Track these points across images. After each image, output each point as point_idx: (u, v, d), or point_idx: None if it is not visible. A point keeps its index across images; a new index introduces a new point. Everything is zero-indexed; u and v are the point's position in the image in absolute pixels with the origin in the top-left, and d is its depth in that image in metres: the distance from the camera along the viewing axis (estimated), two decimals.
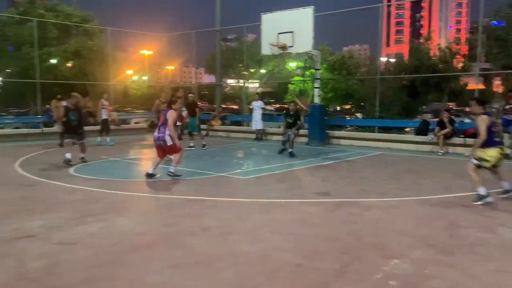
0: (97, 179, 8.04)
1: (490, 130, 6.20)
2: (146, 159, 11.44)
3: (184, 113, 12.59)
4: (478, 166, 6.28)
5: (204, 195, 6.84)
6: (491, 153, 6.20)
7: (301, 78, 28.21)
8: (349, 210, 5.92)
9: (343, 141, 14.81)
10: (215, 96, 21.79)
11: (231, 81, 39.78)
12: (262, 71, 33.53)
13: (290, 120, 11.93)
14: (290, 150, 11.45)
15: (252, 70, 33.44)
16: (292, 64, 31.26)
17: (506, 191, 6.53)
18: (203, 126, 15.51)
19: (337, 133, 15.50)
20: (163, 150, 8.18)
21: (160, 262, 4.01)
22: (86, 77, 22.43)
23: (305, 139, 14.82)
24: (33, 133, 16.16)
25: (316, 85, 15.23)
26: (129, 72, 44.72)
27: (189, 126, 13.00)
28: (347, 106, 31.43)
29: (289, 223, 5.37)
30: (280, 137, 15.75)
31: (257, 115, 16.24)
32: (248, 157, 11.72)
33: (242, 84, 33.35)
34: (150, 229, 5.10)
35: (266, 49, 14.42)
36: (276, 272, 3.79)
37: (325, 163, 10.49)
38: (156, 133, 8.07)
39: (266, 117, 18.65)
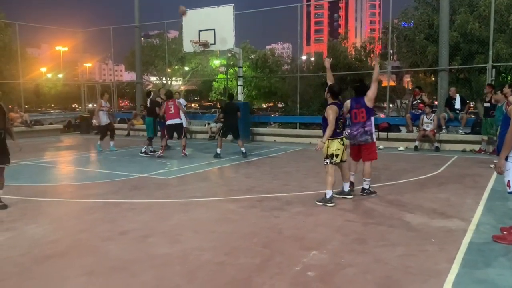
0: (5, 185, 7.39)
1: (336, 121, 6.04)
2: (61, 162, 10.78)
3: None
4: (331, 163, 6.09)
5: (123, 197, 6.60)
6: (335, 146, 6.08)
7: (225, 76, 28.27)
8: (271, 205, 6.03)
9: (266, 138, 15.08)
10: (136, 94, 21.10)
11: (153, 79, 38.80)
12: (186, 68, 33.08)
13: None
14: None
15: (175, 67, 32.86)
16: (216, 62, 31.22)
17: (342, 192, 6.47)
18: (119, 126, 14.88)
19: (261, 130, 15.74)
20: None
21: (74, 270, 3.79)
22: None
23: (229, 137, 14.87)
24: None
25: (239, 82, 15.36)
26: (43, 69, 41.86)
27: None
28: (271, 104, 32.05)
29: (210, 221, 5.35)
30: (205, 135, 15.71)
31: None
32: (173, 157, 11.51)
33: (164, 82, 32.65)
34: (63, 236, 4.80)
35: (187, 47, 14.26)
36: (196, 272, 3.75)
37: (249, 160, 10.60)
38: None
39: (190, 115, 18.45)
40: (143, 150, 11.43)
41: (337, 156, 6.11)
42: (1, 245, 4.42)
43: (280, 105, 32.77)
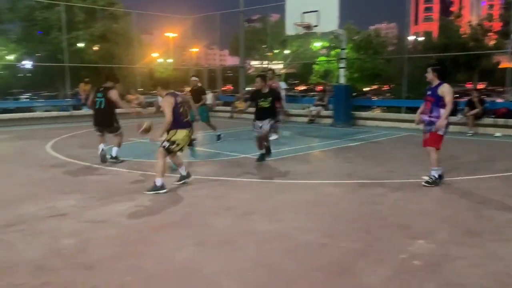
0: (127, 160, 8.17)
1: (176, 111, 5.74)
2: None
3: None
4: (168, 151, 5.80)
5: (225, 175, 6.91)
6: (180, 136, 5.80)
7: (326, 58, 27.83)
8: (373, 191, 5.88)
9: (369, 122, 14.61)
10: (238, 78, 21.76)
11: (254, 63, 39.62)
12: (286, 51, 33.19)
13: (265, 104, 7.71)
14: (263, 151, 8.03)
15: (276, 51, 33.17)
16: (317, 44, 30.82)
17: (183, 177, 6.19)
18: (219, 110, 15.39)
19: (363, 114, 15.29)
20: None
21: (185, 240, 4.11)
22: (112, 60, 22.73)
23: (329, 121, 14.71)
24: (62, 116, 16.60)
25: (341, 65, 15.01)
26: (155, 55, 45.11)
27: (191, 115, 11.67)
28: (374, 87, 30.90)
29: (310, 203, 5.39)
30: (304, 119, 15.71)
31: None
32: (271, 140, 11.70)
33: (266, 66, 33.17)
34: (176, 208, 5.21)
35: (290, 29, 14.25)
36: (297, 251, 3.83)
37: (350, 144, 10.40)
38: None
39: (290, 98, 18.56)
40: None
41: (178, 145, 5.79)
42: (124, 213, 4.94)
43: (384, 88, 31.42)
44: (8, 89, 30.10)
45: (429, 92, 6.09)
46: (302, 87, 43.88)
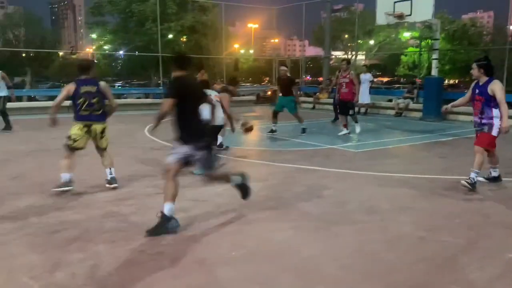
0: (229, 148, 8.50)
1: (75, 101, 5.19)
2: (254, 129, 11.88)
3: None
4: (70, 148, 5.25)
5: (316, 165, 6.98)
6: (73, 130, 5.25)
7: (415, 49, 26.58)
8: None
9: (461, 117, 13.79)
10: (322, 69, 21.60)
11: (337, 53, 38.94)
12: (371, 42, 32.20)
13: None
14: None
15: (360, 41, 32.32)
16: (406, 34, 29.52)
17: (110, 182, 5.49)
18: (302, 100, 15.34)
19: (455, 108, 14.41)
20: None
21: (282, 224, 4.27)
22: (200, 51, 23.70)
23: (418, 114, 14.13)
24: (155, 103, 17.69)
25: (434, 56, 14.31)
26: (236, 46, 46.23)
27: (278, 105, 10.80)
28: (468, 79, 28.93)
29: (405, 197, 5.29)
30: (390, 112, 15.22)
31: (365, 88, 15.64)
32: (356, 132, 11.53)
33: (350, 57, 32.48)
34: (270, 193, 5.40)
35: (381, 19, 13.85)
36: (396, 242, 3.82)
37: (442, 139, 9.93)
38: None
39: (373, 90, 18.05)
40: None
41: (74, 140, 5.24)
42: (222, 194, 5.22)
43: None
44: (104, 76, 32.53)
45: (477, 91, 5.55)
46: (386, 79, 42.42)
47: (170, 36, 25.38)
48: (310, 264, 3.40)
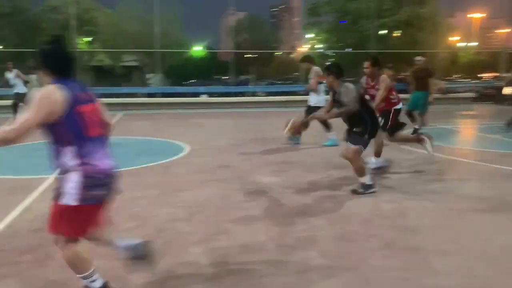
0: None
1: None
2: (468, 128, 11.06)
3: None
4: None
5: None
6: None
7: None
8: None
9: None
10: None
11: None
12: None
13: None
14: None
15: None
16: None
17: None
18: None
19: None
20: None
21: (503, 226, 4.06)
22: (415, 46, 22.80)
23: None
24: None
25: None
26: (455, 38, 42.24)
27: (411, 103, 9.56)
28: None
29: None
30: None
31: None
32: None
33: None
34: (492, 195, 5.09)
35: None
36: None
37: None
38: None
39: None
40: None
41: None
42: (436, 191, 5.18)
43: None
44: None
45: None
46: None
47: (383, 32, 25.08)
48: None
